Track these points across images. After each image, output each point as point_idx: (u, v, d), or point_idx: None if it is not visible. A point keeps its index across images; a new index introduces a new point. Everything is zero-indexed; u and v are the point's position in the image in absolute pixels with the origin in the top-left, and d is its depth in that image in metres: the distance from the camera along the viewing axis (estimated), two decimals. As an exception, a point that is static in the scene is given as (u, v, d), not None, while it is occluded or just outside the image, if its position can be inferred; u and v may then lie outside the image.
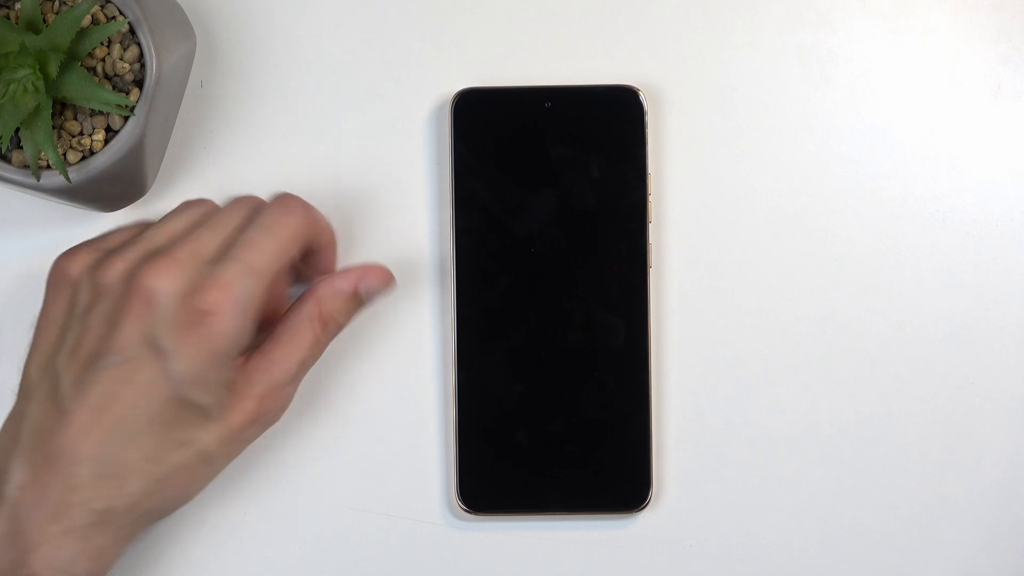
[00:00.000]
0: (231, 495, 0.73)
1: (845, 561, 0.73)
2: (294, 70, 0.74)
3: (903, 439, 0.73)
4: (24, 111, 0.66)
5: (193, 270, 0.64)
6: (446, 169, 0.74)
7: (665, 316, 0.74)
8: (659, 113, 0.74)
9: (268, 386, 0.66)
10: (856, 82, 0.74)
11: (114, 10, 0.68)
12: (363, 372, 0.74)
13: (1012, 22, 0.74)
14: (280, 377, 0.66)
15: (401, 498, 0.73)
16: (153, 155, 0.71)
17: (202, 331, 0.63)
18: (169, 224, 0.67)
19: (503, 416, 0.72)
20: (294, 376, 0.67)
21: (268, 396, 0.66)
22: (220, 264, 0.64)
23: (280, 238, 0.66)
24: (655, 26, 0.74)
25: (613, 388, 0.72)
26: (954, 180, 0.74)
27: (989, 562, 0.73)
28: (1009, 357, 0.73)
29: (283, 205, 0.67)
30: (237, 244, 0.65)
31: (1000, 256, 0.74)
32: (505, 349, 0.72)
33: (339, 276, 0.69)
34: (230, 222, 0.67)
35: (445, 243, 0.74)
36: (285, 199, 0.68)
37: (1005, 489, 0.73)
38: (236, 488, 0.73)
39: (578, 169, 0.73)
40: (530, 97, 0.73)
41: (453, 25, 0.74)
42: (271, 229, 0.66)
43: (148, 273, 0.64)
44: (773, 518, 0.73)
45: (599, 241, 0.72)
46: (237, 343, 0.64)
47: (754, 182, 0.74)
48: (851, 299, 0.74)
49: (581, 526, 0.73)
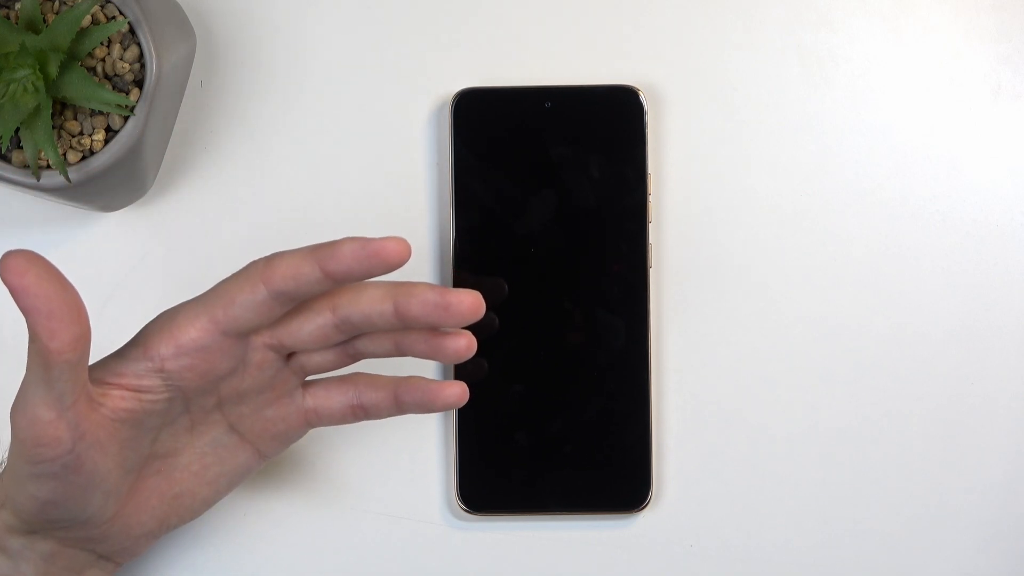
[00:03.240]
0: (231, 495, 0.73)
1: (845, 561, 0.73)
2: (294, 70, 0.74)
3: (903, 439, 0.73)
4: (24, 111, 0.66)
5: None
6: (446, 169, 0.74)
7: (665, 316, 0.74)
8: (659, 113, 0.74)
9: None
10: (856, 82, 0.74)
11: (114, 10, 0.68)
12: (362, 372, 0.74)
13: (1012, 22, 0.74)
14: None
15: (401, 498, 0.73)
16: (153, 155, 0.71)
17: None
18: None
19: (503, 416, 0.72)
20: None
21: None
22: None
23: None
24: (655, 26, 0.74)
25: (613, 388, 0.72)
26: (954, 180, 0.74)
27: (989, 562, 0.73)
28: (1009, 357, 0.73)
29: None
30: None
31: (1000, 256, 0.74)
32: (505, 349, 0.72)
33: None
34: None
35: (445, 243, 0.74)
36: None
37: (1005, 489, 0.73)
38: (236, 489, 0.73)
39: (578, 169, 0.73)
40: (530, 97, 0.73)
41: (453, 25, 0.74)
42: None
43: None
44: (773, 518, 0.73)
45: (599, 241, 0.72)
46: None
47: (754, 182, 0.74)
48: (851, 299, 0.74)
49: (581, 526, 0.73)
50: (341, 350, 0.65)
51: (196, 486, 0.66)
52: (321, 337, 0.63)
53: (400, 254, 0.60)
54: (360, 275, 0.60)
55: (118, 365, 0.62)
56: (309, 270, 0.60)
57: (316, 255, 0.60)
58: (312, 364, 0.65)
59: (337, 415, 0.66)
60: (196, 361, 0.62)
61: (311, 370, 0.65)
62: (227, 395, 0.64)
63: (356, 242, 0.60)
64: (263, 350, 0.64)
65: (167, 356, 0.62)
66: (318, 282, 0.61)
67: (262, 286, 0.61)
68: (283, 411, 0.66)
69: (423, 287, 0.62)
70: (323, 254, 0.60)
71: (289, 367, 0.65)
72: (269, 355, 0.64)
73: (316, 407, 0.66)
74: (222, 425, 0.65)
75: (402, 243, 0.60)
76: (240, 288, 0.61)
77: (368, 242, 0.60)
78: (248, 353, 0.63)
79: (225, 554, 0.73)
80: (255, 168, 0.74)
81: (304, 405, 0.66)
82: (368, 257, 0.60)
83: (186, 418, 0.64)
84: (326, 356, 0.65)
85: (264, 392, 0.65)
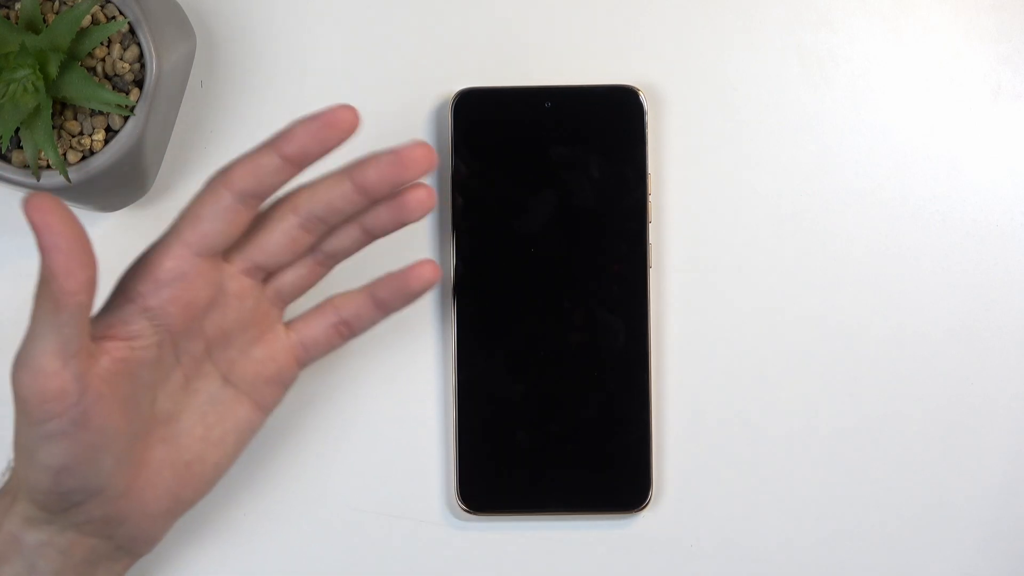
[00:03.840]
0: (231, 495, 0.73)
1: (845, 561, 0.73)
2: (294, 70, 0.74)
3: (903, 439, 0.73)
4: (24, 111, 0.66)
5: None
6: (446, 169, 0.74)
7: (665, 316, 0.74)
8: (659, 113, 0.74)
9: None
10: (856, 82, 0.74)
11: (114, 10, 0.68)
12: (363, 372, 0.74)
13: (1012, 22, 0.74)
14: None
15: (401, 498, 0.73)
16: (153, 155, 0.71)
17: None
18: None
19: (503, 416, 0.72)
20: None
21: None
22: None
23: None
24: (655, 26, 0.74)
25: (613, 388, 0.72)
26: (954, 180, 0.74)
27: (989, 562, 0.73)
28: (1009, 357, 0.73)
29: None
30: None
31: (1000, 256, 0.74)
32: (505, 349, 0.72)
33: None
34: None
35: (445, 243, 0.74)
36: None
37: (1005, 489, 0.73)
38: (236, 488, 0.73)
39: (578, 169, 0.73)
40: (530, 97, 0.73)
41: (453, 25, 0.74)
42: None
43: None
44: (773, 518, 0.73)
45: (599, 241, 0.72)
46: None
47: (754, 182, 0.74)
48: (851, 299, 0.74)
49: (581, 526, 0.73)
50: (312, 261, 0.66)
51: (204, 450, 0.66)
52: (290, 243, 0.65)
53: (348, 120, 0.62)
54: (314, 152, 0.62)
55: (105, 317, 0.63)
56: (267, 160, 0.62)
57: (271, 144, 0.62)
58: (287, 285, 0.66)
59: (323, 340, 0.67)
60: (176, 291, 0.63)
61: (288, 292, 0.66)
62: (213, 337, 0.65)
63: (304, 120, 0.62)
64: (239, 277, 0.65)
65: (148, 293, 0.63)
66: (277, 170, 0.62)
67: (224, 190, 0.62)
68: (270, 350, 0.67)
69: (371, 155, 0.63)
70: (277, 140, 0.62)
71: (267, 296, 0.66)
72: (245, 282, 0.65)
73: (301, 340, 0.67)
74: (215, 378, 0.66)
75: (349, 109, 0.62)
76: (203, 201, 0.63)
77: (316, 116, 0.62)
78: (226, 281, 0.64)
79: (225, 554, 0.73)
80: (255, 168, 0.74)
81: (290, 341, 0.67)
82: (320, 128, 0.62)
83: (179, 373, 0.65)
84: (298, 271, 0.66)
85: (248, 329, 0.66)
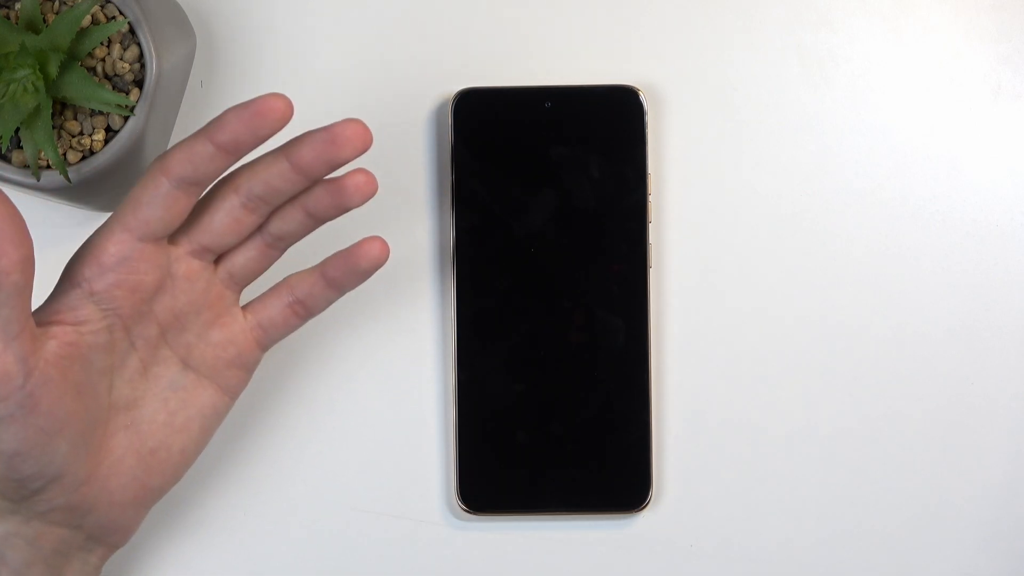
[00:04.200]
0: (230, 495, 0.73)
1: (845, 561, 0.73)
2: (294, 70, 0.74)
3: (903, 439, 0.73)
4: (24, 111, 0.66)
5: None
6: (446, 169, 0.74)
7: (665, 316, 0.74)
8: (659, 113, 0.74)
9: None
10: (856, 82, 0.74)
11: (114, 10, 0.68)
12: (363, 372, 0.74)
13: (1012, 22, 0.74)
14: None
15: (401, 498, 0.73)
16: (153, 155, 0.71)
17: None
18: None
19: (503, 416, 0.72)
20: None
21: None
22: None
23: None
24: (655, 26, 0.74)
25: (613, 388, 0.72)
26: (954, 180, 0.74)
27: (989, 562, 0.73)
28: (1009, 357, 0.73)
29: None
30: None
31: (1000, 256, 0.74)
32: (505, 349, 0.72)
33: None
34: None
35: (445, 243, 0.74)
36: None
37: (1005, 489, 0.73)
38: (235, 488, 0.73)
39: (578, 169, 0.73)
40: (530, 97, 0.73)
41: (453, 25, 0.74)
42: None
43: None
44: (773, 518, 0.73)
45: (599, 241, 0.72)
46: None
47: (754, 182, 0.74)
48: (851, 299, 0.74)
49: (581, 526, 0.73)
50: (262, 243, 0.66)
51: (168, 436, 0.66)
52: (234, 223, 0.65)
53: (280, 109, 0.62)
54: (247, 141, 0.62)
55: (52, 303, 0.63)
56: (201, 147, 0.62)
57: (205, 132, 0.62)
58: (238, 267, 0.66)
59: (280, 321, 0.67)
60: (121, 275, 0.63)
61: (240, 275, 0.66)
62: (166, 321, 0.65)
63: (236, 108, 0.62)
64: (186, 259, 0.65)
65: (92, 277, 0.63)
66: (211, 158, 0.62)
67: (163, 177, 0.63)
68: (228, 332, 0.67)
69: (307, 133, 0.63)
70: (211, 128, 0.62)
71: (219, 278, 0.66)
72: (194, 264, 0.65)
73: (258, 321, 0.67)
74: (174, 363, 0.66)
75: (281, 97, 0.62)
76: (143, 187, 0.63)
77: (246, 104, 0.62)
78: (172, 264, 0.65)
79: (225, 554, 0.73)
80: (255, 168, 0.74)
81: (248, 324, 0.67)
82: (251, 116, 0.62)
83: (134, 358, 0.65)
84: (248, 253, 0.66)
85: (202, 312, 0.66)
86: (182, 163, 0.62)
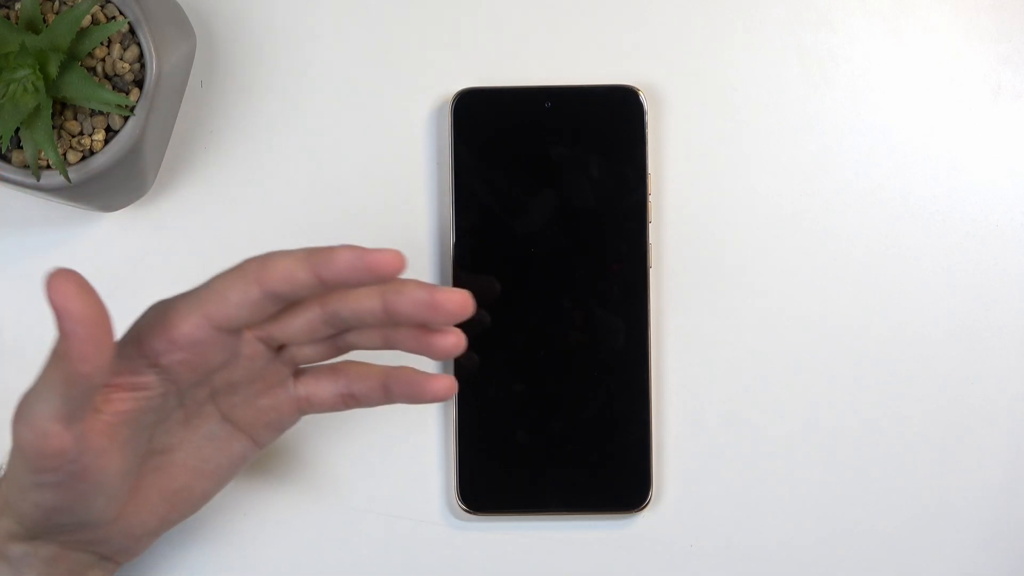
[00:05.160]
0: (231, 495, 0.73)
1: (845, 561, 0.73)
2: (294, 70, 0.74)
3: (903, 439, 0.73)
4: (24, 111, 0.66)
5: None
6: (446, 169, 0.74)
7: (665, 316, 0.74)
8: (659, 113, 0.74)
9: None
10: (856, 82, 0.74)
11: (114, 10, 0.68)
12: (363, 372, 0.74)
13: (1012, 22, 0.74)
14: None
15: (401, 498, 0.73)
16: (153, 155, 0.71)
17: None
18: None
19: (503, 416, 0.72)
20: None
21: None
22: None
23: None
24: (655, 26, 0.74)
25: (613, 388, 0.72)
26: (954, 180, 0.74)
27: (989, 562, 0.73)
28: (1009, 357, 0.73)
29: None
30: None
31: (1000, 256, 0.74)
32: (505, 349, 0.72)
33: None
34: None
35: (445, 243, 0.74)
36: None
37: (1005, 489, 0.73)
38: (236, 488, 0.73)
39: (578, 169, 0.73)
40: (530, 97, 0.73)
41: (453, 25, 0.74)
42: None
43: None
44: (773, 518, 0.73)
45: (599, 241, 0.72)
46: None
47: (754, 182, 0.74)
48: (851, 299, 0.74)
49: (581, 526, 0.73)
50: (331, 343, 0.65)
51: (194, 480, 0.66)
52: (310, 331, 0.64)
53: (394, 267, 0.60)
54: (353, 283, 0.61)
55: (115, 366, 0.62)
56: (304, 275, 0.61)
57: (311, 260, 0.61)
58: (302, 355, 0.65)
59: (328, 403, 0.66)
60: (190, 356, 0.62)
61: (301, 361, 0.65)
62: (219, 386, 0.64)
63: (353, 252, 0.60)
64: (254, 342, 0.64)
65: (161, 351, 0.62)
66: (311, 287, 0.61)
67: (256, 286, 0.61)
68: (275, 400, 0.66)
69: (412, 285, 0.62)
70: (318, 260, 0.61)
71: (280, 359, 0.65)
72: (260, 347, 0.64)
73: (308, 395, 0.66)
74: (215, 417, 0.65)
75: (397, 256, 0.60)
76: (234, 286, 0.61)
77: (364, 253, 0.60)
78: (240, 346, 0.63)
79: (225, 554, 0.73)
80: (255, 168, 0.74)
81: (296, 393, 0.66)
82: (363, 268, 0.60)
83: (180, 412, 0.64)
84: (316, 348, 0.65)
85: (256, 382, 0.65)
86: (280, 281, 0.61)
